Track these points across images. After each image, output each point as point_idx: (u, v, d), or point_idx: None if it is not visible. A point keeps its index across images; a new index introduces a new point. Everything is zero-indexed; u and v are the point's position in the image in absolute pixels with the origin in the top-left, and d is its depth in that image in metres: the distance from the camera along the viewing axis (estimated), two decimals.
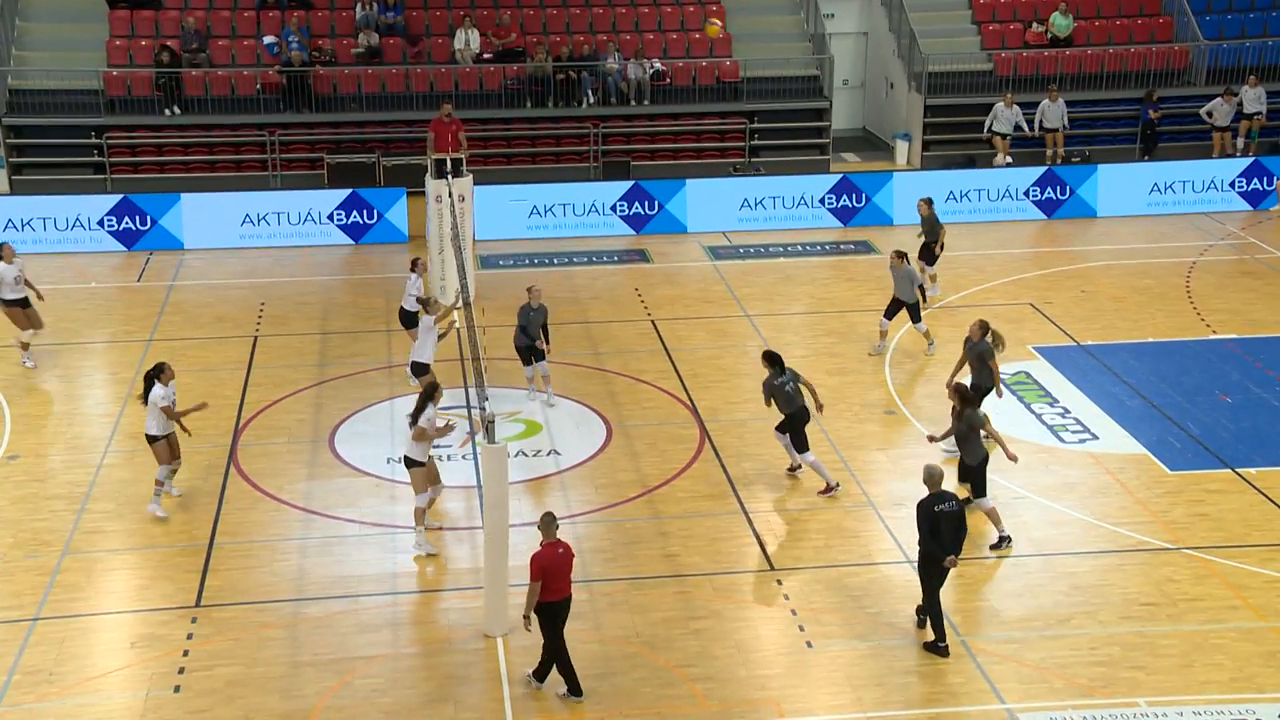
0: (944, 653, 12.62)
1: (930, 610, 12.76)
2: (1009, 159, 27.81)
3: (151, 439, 15.01)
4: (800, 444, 15.70)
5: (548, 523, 11.94)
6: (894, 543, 14.67)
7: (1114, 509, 15.39)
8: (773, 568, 14.23)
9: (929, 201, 21.89)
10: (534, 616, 11.79)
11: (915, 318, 19.52)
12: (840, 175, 26.35)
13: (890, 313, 19.50)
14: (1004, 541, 14.55)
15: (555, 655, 11.98)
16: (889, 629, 13.13)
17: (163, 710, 11.83)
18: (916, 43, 28.94)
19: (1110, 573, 14.12)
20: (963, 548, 12.67)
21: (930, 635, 12.77)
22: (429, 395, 14.39)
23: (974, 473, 14.71)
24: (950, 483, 13.76)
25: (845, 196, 25.93)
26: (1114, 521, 15.10)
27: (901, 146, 29.32)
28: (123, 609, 13.44)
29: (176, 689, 12.10)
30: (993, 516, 14.62)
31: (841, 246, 24.93)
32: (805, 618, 13.32)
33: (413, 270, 18.63)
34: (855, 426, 17.46)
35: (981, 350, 16.53)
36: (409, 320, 18.58)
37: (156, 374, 14.93)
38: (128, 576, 14.02)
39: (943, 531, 12.43)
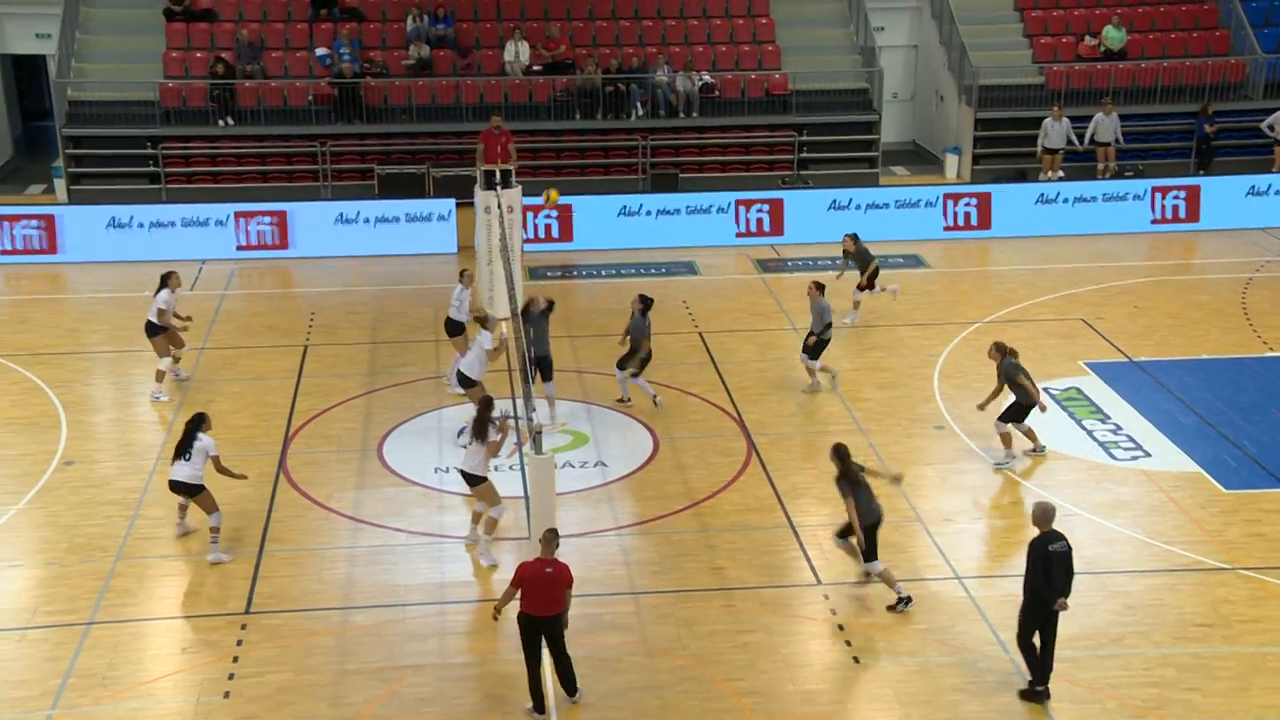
0: (1042, 697, 12.12)
1: (1027, 654, 12.22)
2: (1060, 174, 27.60)
3: (196, 489, 14.43)
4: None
5: (547, 540, 11.97)
6: (942, 559, 14.56)
7: (1168, 527, 15.20)
8: (820, 582, 14.16)
9: (854, 237, 21.41)
10: (504, 615, 11.99)
11: (814, 354, 18.61)
12: (889, 188, 26.29)
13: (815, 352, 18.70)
14: (901, 603, 13.63)
15: (527, 668, 11.93)
16: (938, 646, 13.02)
17: (213, 716, 11.92)
18: (967, 56, 28.80)
19: (1164, 592, 13.94)
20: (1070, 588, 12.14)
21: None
22: (488, 409, 14.37)
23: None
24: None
25: (895, 209, 25.84)
26: (1168, 540, 14.92)
27: (951, 160, 29.17)
28: (174, 614, 13.56)
29: (226, 695, 12.19)
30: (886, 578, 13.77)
31: (890, 260, 24.80)
32: (852, 633, 13.24)
33: (460, 281, 18.70)
34: (904, 441, 17.36)
35: (1009, 370, 16.37)
36: (455, 329, 18.65)
37: (200, 422, 14.45)
38: (179, 582, 14.15)
39: (1054, 573, 11.92)
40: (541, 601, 11.75)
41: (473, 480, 14.36)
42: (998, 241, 25.92)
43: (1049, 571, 11.90)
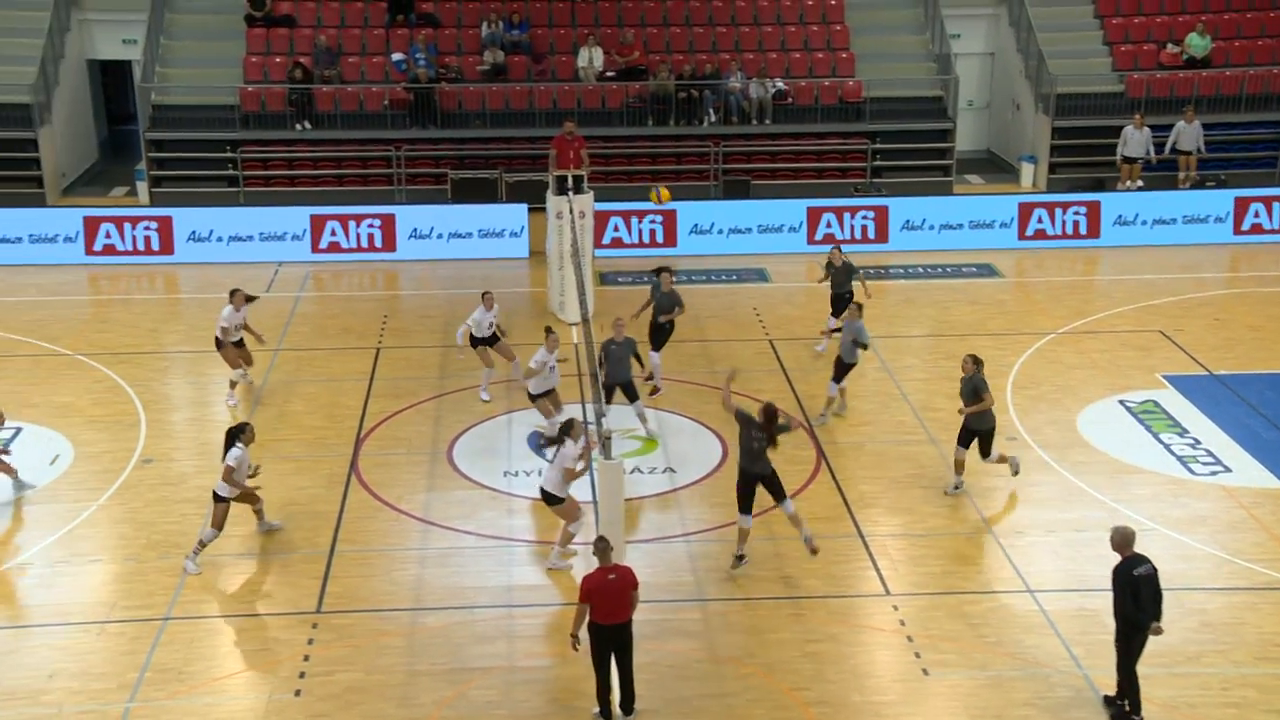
0: None
1: (1127, 680, 11.96)
2: (1139, 183, 27.19)
3: (218, 498, 14.35)
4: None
5: (602, 549, 11.91)
6: (1015, 572, 14.39)
7: (1248, 545, 14.90)
8: (889, 592, 14.05)
9: (840, 249, 20.48)
10: (582, 637, 11.78)
11: (839, 377, 17.93)
12: (962, 197, 26.07)
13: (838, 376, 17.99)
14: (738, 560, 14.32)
15: (596, 674, 11.90)
16: (1009, 660, 12.87)
17: (284, 713, 12.06)
18: (1045, 64, 28.46)
19: (1244, 611, 13.66)
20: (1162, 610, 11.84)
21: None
22: (567, 431, 14.31)
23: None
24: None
25: (968, 218, 25.64)
26: (1248, 558, 14.63)
27: (1027, 169, 28.84)
28: (247, 612, 13.74)
29: (297, 693, 12.34)
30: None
31: (964, 269, 24.60)
32: (922, 644, 13.12)
33: (482, 302, 18.45)
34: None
35: (976, 384, 15.70)
36: (477, 344, 18.55)
37: (238, 433, 14.45)
38: (252, 581, 14.34)
39: (1143, 596, 11.67)
40: (610, 609, 11.74)
41: (550, 500, 14.38)
42: (1073, 251, 25.58)
43: (1138, 596, 11.64)
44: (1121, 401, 18.66)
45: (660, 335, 18.96)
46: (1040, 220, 25.75)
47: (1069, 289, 23.69)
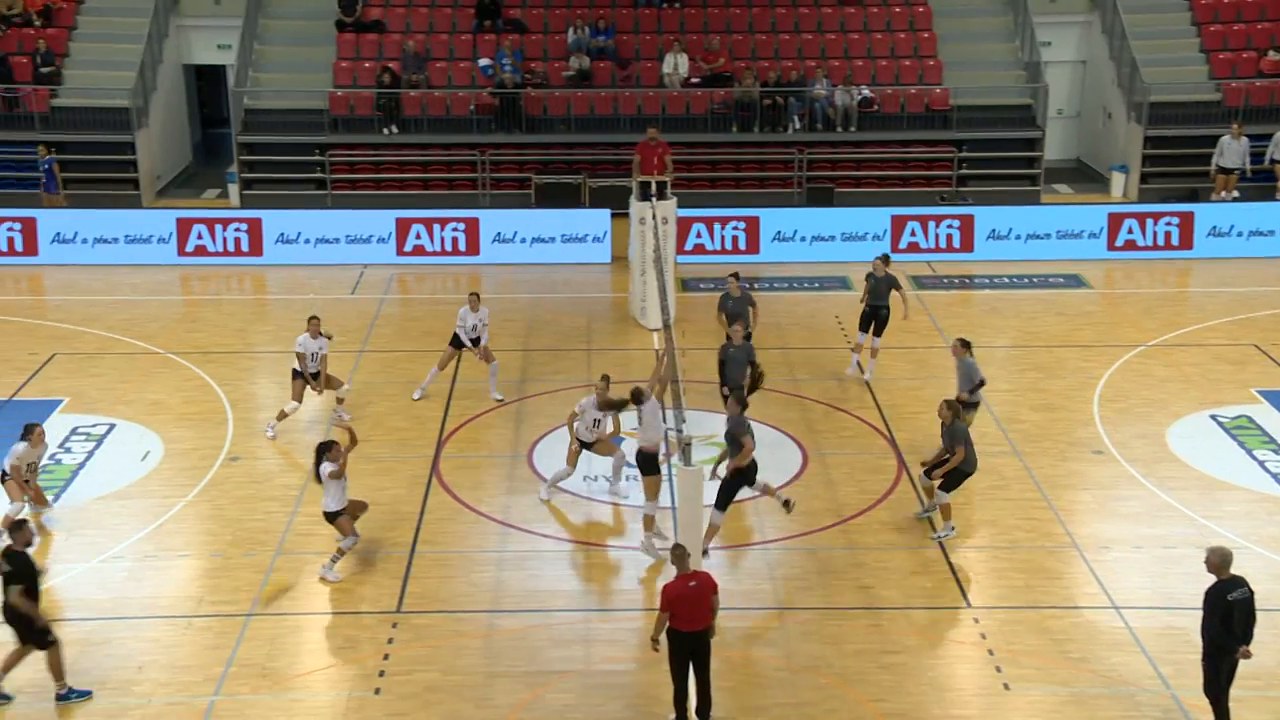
0: None
1: (1215, 704, 11.68)
2: (1235, 194, 26.61)
3: (330, 516, 14.33)
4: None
5: (680, 555, 11.88)
6: (1100, 587, 14.14)
7: None
8: (970, 605, 13.88)
9: (886, 259, 19.37)
10: (663, 641, 11.77)
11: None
12: (1050, 207, 25.72)
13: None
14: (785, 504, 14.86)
15: (674, 681, 11.86)
16: (1093, 677, 12.64)
17: (364, 711, 12.19)
18: (1138, 71, 27.98)
19: None
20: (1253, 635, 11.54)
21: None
22: (637, 399, 14.80)
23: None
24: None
25: (1056, 228, 25.29)
26: None
27: (1118, 178, 28.37)
28: (329, 610, 13.91)
29: (377, 691, 12.46)
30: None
31: (1051, 280, 24.25)
32: (1003, 659, 12.94)
33: (468, 303, 18.76)
34: (1060, 465, 16.93)
35: (955, 432, 15.00)
36: (459, 344, 18.76)
37: (325, 450, 14.29)
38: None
39: (1235, 620, 11.38)
40: (691, 616, 11.69)
41: (644, 468, 14.82)
42: (1165, 262, 25.12)
43: (1228, 620, 11.34)
44: (1213, 416, 18.27)
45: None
46: (1131, 231, 25.31)
47: (1160, 301, 23.25)
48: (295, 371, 17.83)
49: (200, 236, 25.12)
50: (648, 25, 29.50)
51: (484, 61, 28.30)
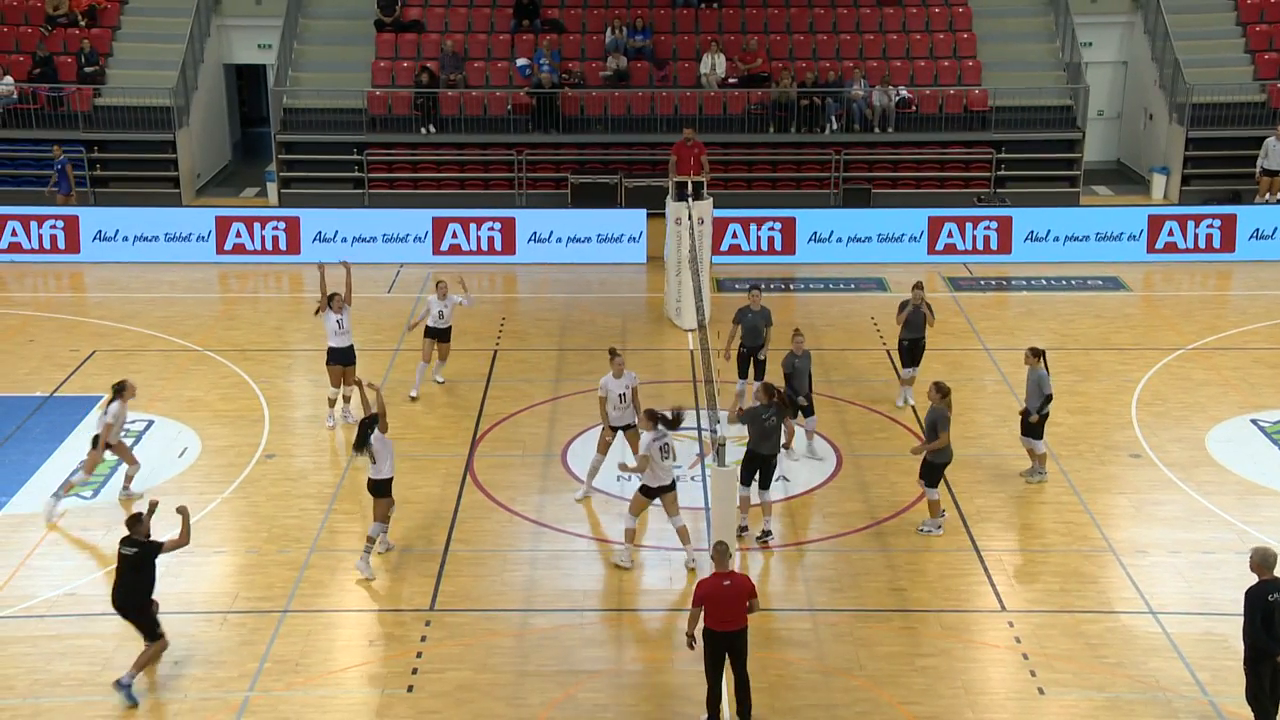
0: None
1: (1259, 713, 11.55)
2: (1279, 198, 26.32)
3: (382, 486, 14.32)
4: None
5: (720, 552, 11.85)
6: (1136, 592, 14.03)
7: None
8: (1004, 608, 13.79)
9: (921, 286, 18.25)
10: (698, 638, 11.76)
11: (1036, 434, 16.32)
12: (1089, 209, 25.54)
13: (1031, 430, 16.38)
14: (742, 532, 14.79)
15: (708, 681, 11.85)
16: (1129, 682, 12.54)
17: (396, 708, 12.25)
18: (1181, 72, 27.73)
19: None
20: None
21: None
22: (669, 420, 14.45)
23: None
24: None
25: (1095, 230, 25.11)
26: None
27: (1159, 180, 28.12)
28: (362, 608, 13.98)
29: (409, 689, 12.51)
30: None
31: (1089, 282, 24.07)
32: (1037, 662, 12.85)
33: (435, 291, 18.91)
34: (1097, 469, 16.80)
35: (935, 418, 14.97)
36: (434, 335, 18.92)
37: (373, 423, 14.28)
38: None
39: (1276, 623, 11.25)
40: (724, 616, 11.68)
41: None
42: (1206, 265, 24.89)
43: (1269, 621, 11.21)
44: (1254, 421, 18.08)
45: (754, 366, 17.83)
46: (1171, 233, 25.09)
47: (1200, 304, 23.04)
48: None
49: (239, 235, 25.30)
50: (685, 25, 29.50)
51: (521, 61, 28.37)
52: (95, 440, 15.80)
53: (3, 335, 21.54)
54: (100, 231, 25.30)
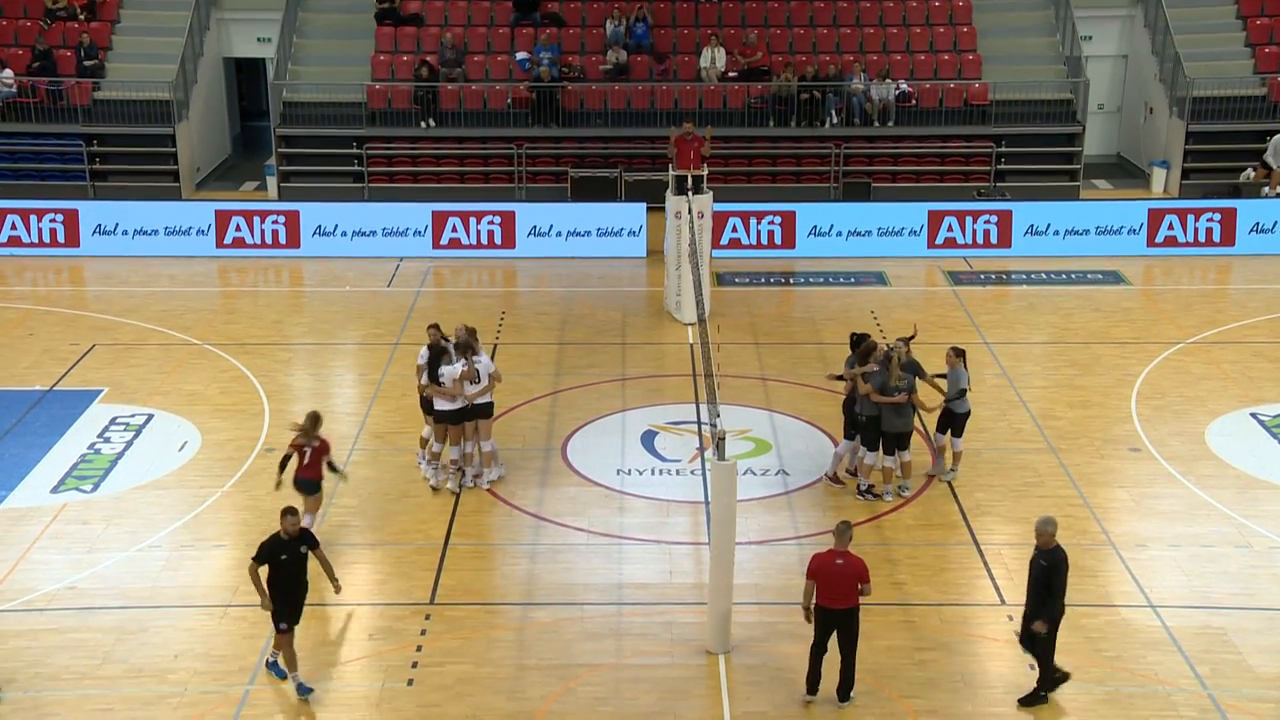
0: None
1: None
2: (1278, 191, 26.30)
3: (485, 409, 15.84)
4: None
5: (840, 531, 12.12)
6: (1135, 586, 14.03)
7: None
8: (1003, 602, 13.79)
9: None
10: (812, 612, 12.03)
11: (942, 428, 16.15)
12: (1089, 202, 25.51)
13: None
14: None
15: (810, 659, 12.12)
16: (1128, 675, 12.55)
17: (396, 701, 12.26)
18: (1181, 66, 27.70)
19: None
20: None
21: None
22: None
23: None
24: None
25: (1095, 224, 25.09)
26: None
27: (1159, 174, 28.10)
28: (362, 601, 13.98)
29: (409, 682, 12.52)
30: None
31: (1089, 276, 24.06)
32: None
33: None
34: (1096, 462, 16.80)
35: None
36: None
37: (460, 350, 15.74)
38: (368, 571, 14.59)
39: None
40: (834, 593, 11.91)
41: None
42: (1205, 259, 24.88)
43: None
44: (1254, 414, 18.09)
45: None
46: (1171, 227, 25.07)
47: (1200, 297, 23.02)
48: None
49: (239, 228, 25.28)
50: (685, 19, 29.46)
51: (521, 55, 28.34)
52: None
53: (2, 329, 21.53)
54: (100, 225, 25.28)
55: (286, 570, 12.34)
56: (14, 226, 25.20)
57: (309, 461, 14.75)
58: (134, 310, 22.36)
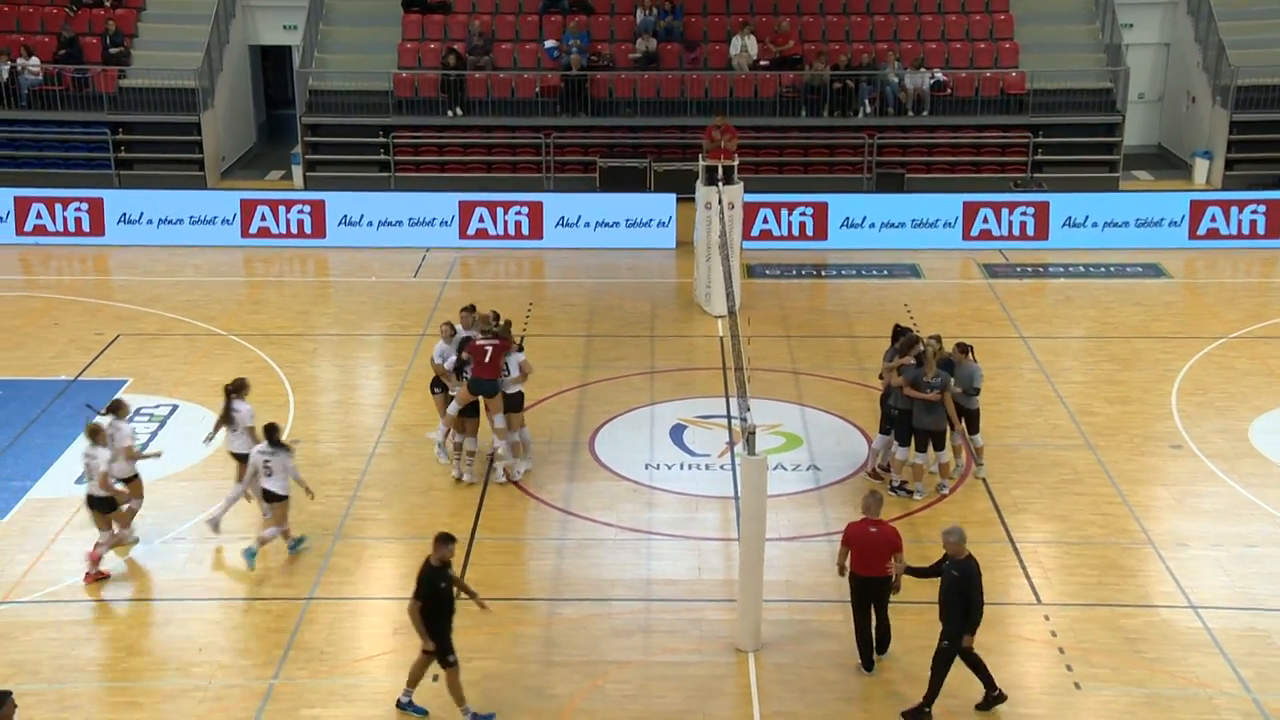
0: None
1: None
2: None
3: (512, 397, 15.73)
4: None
5: (871, 501, 12.37)
6: (1176, 586, 13.69)
7: None
8: (1040, 601, 13.49)
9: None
10: (847, 568, 12.30)
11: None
12: (1129, 193, 25.07)
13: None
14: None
15: (855, 624, 12.36)
16: (1168, 678, 12.22)
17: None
18: (1225, 54, 27.17)
19: None
20: None
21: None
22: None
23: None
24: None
25: (1135, 216, 24.65)
26: None
27: (1201, 165, 27.59)
28: (388, 595, 13.78)
29: (435, 679, 12.29)
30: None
31: (1128, 269, 23.63)
32: (1074, 657, 12.56)
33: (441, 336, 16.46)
34: (1136, 460, 16.44)
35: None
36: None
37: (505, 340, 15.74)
38: (393, 564, 14.39)
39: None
40: (867, 561, 12.13)
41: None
42: (1250, 251, 24.39)
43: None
44: None
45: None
46: (1214, 219, 24.60)
47: (1244, 291, 22.58)
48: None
49: (264, 218, 25.13)
50: (716, 7, 29.12)
51: (550, 43, 28.07)
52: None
53: (28, 318, 21.44)
54: (125, 214, 25.17)
55: (445, 597, 11.67)
56: (39, 215, 25.12)
57: (490, 360, 14.73)
58: (158, 300, 22.24)
